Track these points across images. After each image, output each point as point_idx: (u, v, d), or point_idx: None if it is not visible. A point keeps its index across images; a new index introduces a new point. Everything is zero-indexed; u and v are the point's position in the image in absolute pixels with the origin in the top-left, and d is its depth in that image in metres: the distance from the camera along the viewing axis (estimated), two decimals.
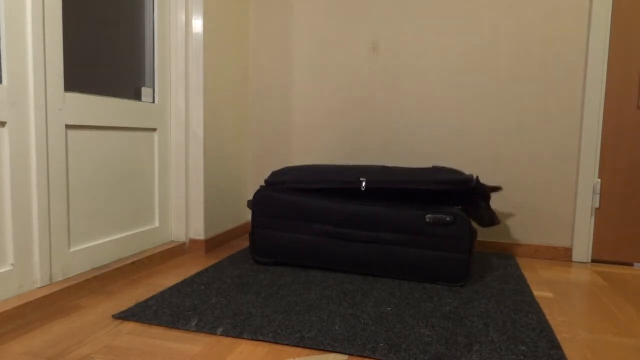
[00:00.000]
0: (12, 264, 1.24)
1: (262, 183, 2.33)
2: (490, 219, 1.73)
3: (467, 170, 2.05)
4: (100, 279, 1.47)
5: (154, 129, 1.80)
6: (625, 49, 1.86)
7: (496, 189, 1.79)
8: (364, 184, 1.61)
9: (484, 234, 2.06)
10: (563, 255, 1.98)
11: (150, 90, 1.80)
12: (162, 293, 1.41)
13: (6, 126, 1.20)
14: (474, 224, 2.06)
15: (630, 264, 1.93)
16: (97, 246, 1.52)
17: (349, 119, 2.19)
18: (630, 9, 1.84)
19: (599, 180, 1.92)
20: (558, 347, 1.11)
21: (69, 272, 1.41)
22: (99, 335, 1.13)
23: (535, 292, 1.53)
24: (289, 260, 1.72)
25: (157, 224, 1.84)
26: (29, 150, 1.27)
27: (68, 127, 1.40)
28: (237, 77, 2.19)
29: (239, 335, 1.13)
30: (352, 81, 2.17)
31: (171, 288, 1.46)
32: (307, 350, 1.07)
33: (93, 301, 1.35)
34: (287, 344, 1.10)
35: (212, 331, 1.15)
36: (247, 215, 2.35)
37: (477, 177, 1.61)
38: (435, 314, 1.30)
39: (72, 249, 1.43)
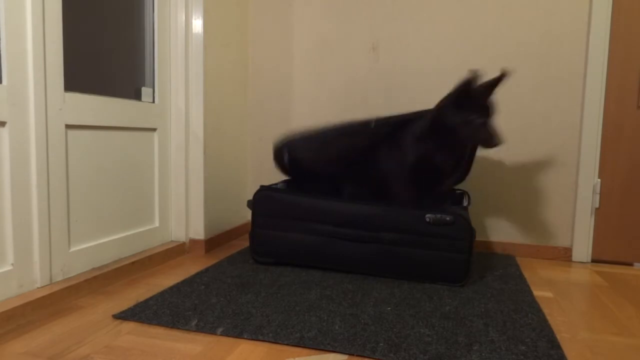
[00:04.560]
0: (12, 264, 1.24)
1: (262, 183, 2.32)
2: (489, 138, 1.48)
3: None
4: (100, 279, 1.47)
5: (154, 129, 1.80)
6: (625, 49, 1.86)
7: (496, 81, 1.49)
8: (373, 124, 1.65)
9: (484, 234, 2.06)
10: (563, 255, 1.98)
11: (150, 90, 1.80)
12: (162, 293, 1.41)
13: (6, 126, 1.20)
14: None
15: (630, 264, 1.93)
16: (97, 246, 1.52)
17: (349, 118, 2.18)
18: (630, 9, 1.84)
19: (599, 180, 1.92)
20: (558, 347, 1.11)
21: (69, 272, 1.41)
22: (99, 335, 1.13)
23: (535, 292, 1.53)
24: (289, 260, 1.72)
25: (157, 224, 1.84)
26: (29, 150, 1.27)
27: (68, 127, 1.40)
28: (237, 77, 2.19)
29: (239, 335, 1.13)
30: (352, 81, 2.17)
31: (171, 288, 1.46)
32: (307, 350, 1.07)
33: (93, 301, 1.35)
34: (287, 344, 1.10)
35: (212, 331, 1.15)
36: (247, 215, 2.35)
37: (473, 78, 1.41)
38: (435, 314, 1.30)
39: (72, 249, 1.43)
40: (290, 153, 1.79)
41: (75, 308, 1.30)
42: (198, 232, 1.94)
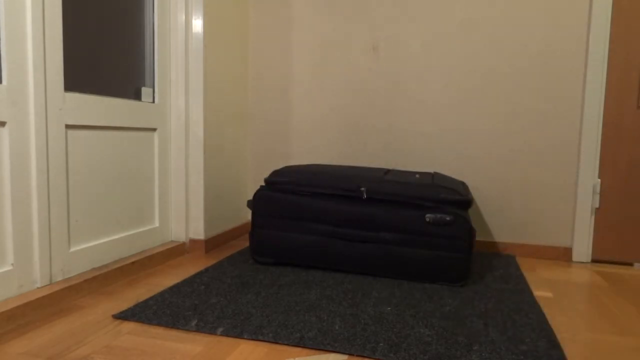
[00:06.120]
0: (12, 264, 1.24)
1: (262, 183, 2.33)
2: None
3: (467, 171, 2.05)
4: (100, 279, 1.47)
5: (154, 129, 1.80)
6: (625, 49, 1.86)
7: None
8: (365, 195, 1.62)
9: (484, 234, 2.06)
10: (563, 255, 1.98)
11: (150, 90, 1.80)
12: (162, 293, 1.41)
13: (6, 126, 1.20)
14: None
15: (630, 264, 1.93)
16: (97, 246, 1.52)
17: (349, 119, 2.19)
18: (630, 9, 1.84)
19: (599, 180, 1.92)
20: (558, 347, 1.11)
21: (69, 272, 1.41)
22: (99, 335, 1.13)
23: (535, 292, 1.53)
24: (289, 260, 1.72)
25: (157, 224, 1.84)
26: (29, 150, 1.27)
27: (68, 127, 1.40)
28: (237, 77, 2.19)
29: (239, 335, 1.13)
30: (352, 81, 2.17)
31: (171, 288, 1.46)
32: (307, 350, 1.07)
33: (93, 301, 1.35)
34: (287, 344, 1.10)
35: (212, 331, 1.15)
36: (247, 215, 2.35)
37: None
38: (435, 314, 1.30)
39: (72, 249, 1.43)
40: (282, 176, 1.78)
41: (75, 308, 1.30)
42: (198, 232, 1.94)
